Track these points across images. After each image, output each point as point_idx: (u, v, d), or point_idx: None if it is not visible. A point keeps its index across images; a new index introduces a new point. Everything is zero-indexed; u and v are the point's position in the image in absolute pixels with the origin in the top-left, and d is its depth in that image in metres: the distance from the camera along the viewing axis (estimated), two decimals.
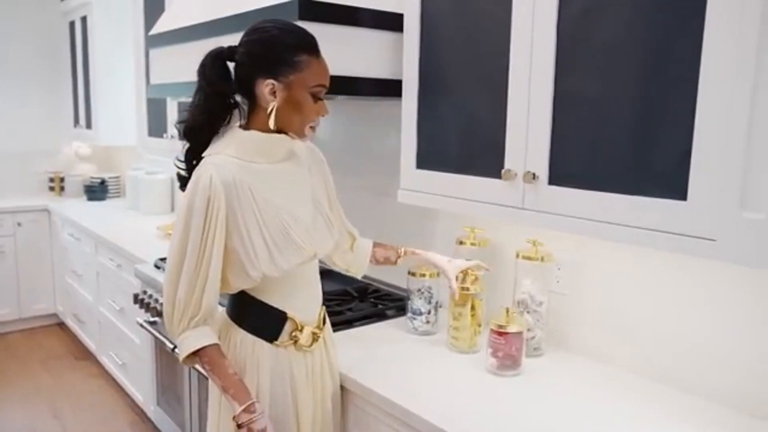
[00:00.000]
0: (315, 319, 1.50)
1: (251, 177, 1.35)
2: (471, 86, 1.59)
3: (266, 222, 1.36)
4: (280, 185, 1.40)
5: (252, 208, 1.34)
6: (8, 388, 3.54)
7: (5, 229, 4.24)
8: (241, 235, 1.34)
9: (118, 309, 3.21)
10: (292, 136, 1.41)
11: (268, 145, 1.39)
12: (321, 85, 1.36)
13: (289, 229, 1.38)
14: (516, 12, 1.44)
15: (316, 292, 1.54)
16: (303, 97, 1.34)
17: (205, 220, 1.31)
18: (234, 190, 1.32)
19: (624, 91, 1.26)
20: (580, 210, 1.36)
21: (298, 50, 1.33)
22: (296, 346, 1.45)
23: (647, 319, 1.59)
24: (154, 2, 3.19)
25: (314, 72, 1.34)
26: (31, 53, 4.70)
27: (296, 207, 1.42)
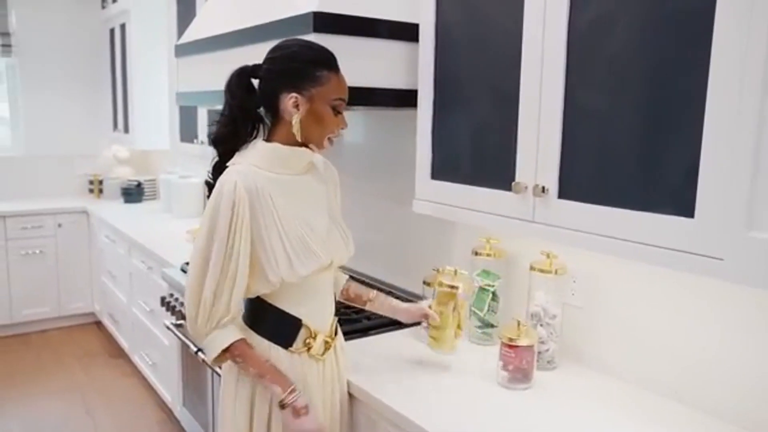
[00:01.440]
0: (328, 328, 1.55)
1: (272, 186, 1.42)
2: (484, 98, 1.59)
3: (286, 229, 1.41)
4: (299, 196, 1.47)
5: (273, 216, 1.40)
6: (45, 383, 3.67)
7: (46, 230, 4.39)
8: (263, 241, 1.39)
9: (148, 310, 3.30)
10: (312, 149, 1.48)
11: (290, 157, 1.45)
12: (341, 98, 1.43)
13: (306, 238, 1.44)
14: (527, 25, 1.43)
15: (329, 301, 1.58)
16: (324, 110, 1.41)
17: (231, 222, 1.35)
18: (256, 197, 1.38)
19: (632, 106, 1.24)
20: (589, 224, 1.35)
21: (319, 65, 1.40)
22: (309, 353, 1.50)
23: (662, 335, 1.56)
24: (187, 11, 3.27)
25: (334, 86, 1.41)
26: (73, 60, 4.86)
27: (313, 217, 1.49)
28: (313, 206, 1.50)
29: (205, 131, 3.17)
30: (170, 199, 4.16)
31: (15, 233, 4.28)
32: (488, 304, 1.86)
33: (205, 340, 1.41)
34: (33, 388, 3.61)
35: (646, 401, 1.54)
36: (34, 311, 4.41)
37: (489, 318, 1.88)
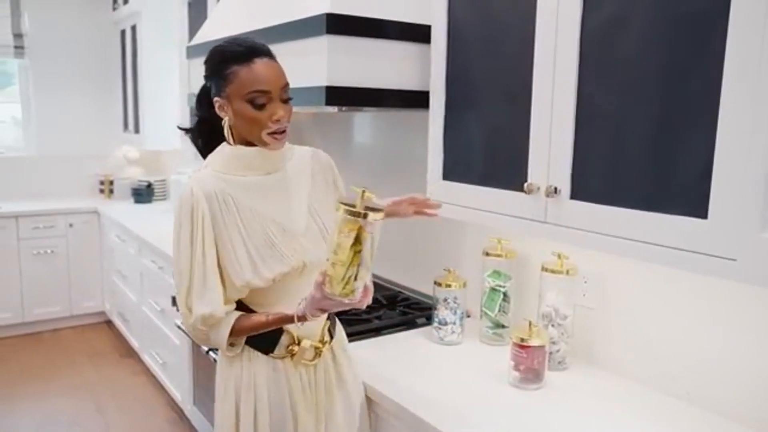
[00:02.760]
0: (317, 333, 1.48)
1: (235, 189, 1.37)
2: (495, 99, 1.59)
3: (250, 233, 1.37)
4: (268, 196, 1.42)
5: (235, 219, 1.36)
6: (57, 381, 3.70)
7: (58, 230, 4.43)
8: (225, 245, 1.35)
9: (159, 309, 3.32)
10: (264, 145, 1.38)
11: (248, 159, 1.39)
12: (255, 91, 1.31)
13: (274, 239, 1.38)
14: (539, 25, 1.43)
15: None
16: (242, 107, 1.33)
17: (191, 230, 1.33)
18: (215, 201, 1.35)
19: (645, 106, 1.24)
20: (601, 225, 1.35)
21: (228, 63, 1.33)
22: (293, 359, 1.44)
23: (673, 336, 1.56)
24: (198, 13, 3.29)
25: (243, 80, 1.31)
26: (84, 61, 4.90)
27: (285, 218, 1.42)
28: (286, 205, 1.43)
29: None
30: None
31: (27, 233, 4.31)
32: (499, 305, 1.87)
33: (209, 343, 1.40)
34: (45, 386, 3.63)
35: (657, 402, 1.54)
36: (45, 310, 4.44)
37: (500, 318, 1.88)
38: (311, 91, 1.74)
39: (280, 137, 1.37)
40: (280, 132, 1.36)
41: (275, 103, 1.33)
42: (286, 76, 1.37)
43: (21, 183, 4.75)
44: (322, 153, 1.58)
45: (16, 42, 4.62)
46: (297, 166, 1.49)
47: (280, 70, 1.36)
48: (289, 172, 1.47)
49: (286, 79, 1.37)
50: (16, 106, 4.85)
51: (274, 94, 1.33)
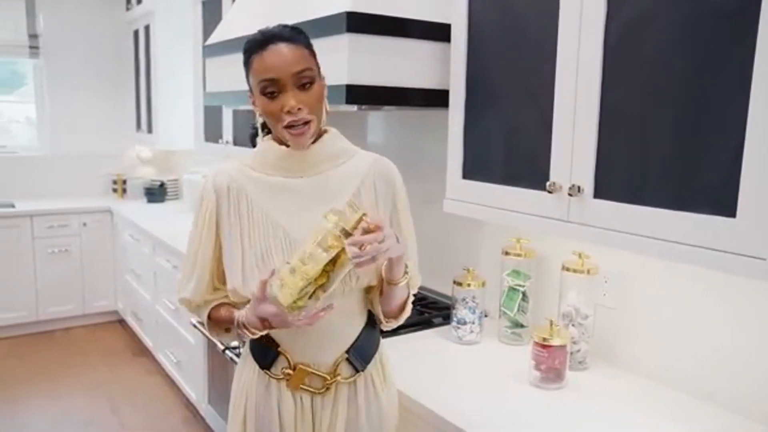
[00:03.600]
0: (326, 365, 1.33)
1: (253, 187, 1.31)
2: (517, 98, 1.58)
3: (252, 237, 1.29)
4: (288, 201, 1.30)
5: (240, 219, 1.30)
6: (71, 380, 3.71)
7: (72, 229, 4.45)
8: (225, 244, 1.32)
9: (173, 309, 3.33)
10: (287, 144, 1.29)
11: (274, 158, 1.31)
12: (264, 80, 1.21)
13: (272, 252, 1.27)
14: (563, 24, 1.43)
15: (330, 337, 1.33)
16: (260, 99, 1.25)
17: (198, 218, 1.34)
18: (225, 197, 1.31)
19: (672, 104, 1.24)
20: (625, 224, 1.34)
21: (248, 53, 1.25)
22: (289, 383, 1.32)
23: (696, 336, 1.55)
24: (213, 12, 3.30)
25: (255, 70, 1.23)
26: (98, 61, 4.92)
27: (300, 228, 1.27)
28: (306, 216, 1.27)
29: (231, 131, 3.19)
30: (194, 199, 4.19)
31: (41, 232, 4.34)
32: (518, 304, 1.86)
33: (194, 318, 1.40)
34: (59, 384, 3.65)
35: (681, 402, 1.53)
36: (59, 309, 4.46)
37: (519, 318, 1.88)
38: (331, 90, 1.73)
39: (298, 132, 1.23)
40: (297, 125, 1.23)
41: (287, 92, 1.21)
42: (306, 61, 1.23)
43: (35, 182, 4.78)
44: (386, 164, 1.39)
45: (31, 42, 4.66)
46: (344, 173, 1.33)
47: (297, 54, 1.22)
48: (331, 179, 1.32)
49: (308, 62, 1.23)
50: (28, 106, 4.88)
51: (284, 81, 1.20)
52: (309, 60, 1.25)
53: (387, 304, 1.36)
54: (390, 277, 1.28)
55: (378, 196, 1.35)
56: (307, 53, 1.26)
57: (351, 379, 1.36)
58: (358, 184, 1.34)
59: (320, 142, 1.32)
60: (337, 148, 1.35)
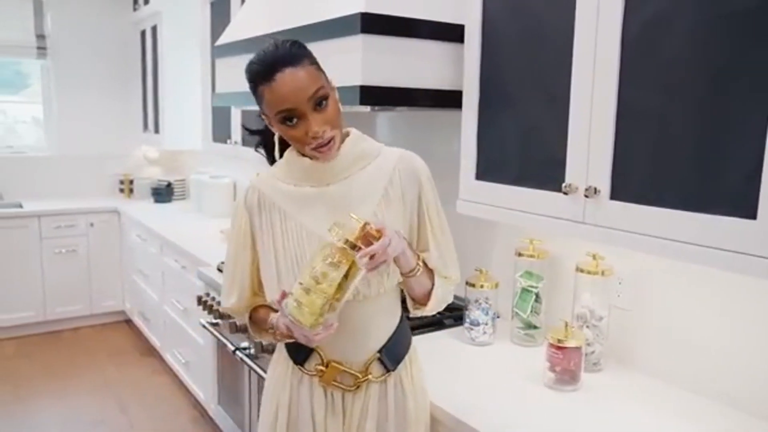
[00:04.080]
0: (358, 364, 1.36)
1: (285, 199, 1.34)
2: (532, 98, 1.58)
3: (286, 247, 1.32)
4: (320, 210, 1.31)
5: (273, 231, 1.34)
6: (79, 380, 3.72)
7: (79, 229, 4.46)
8: (261, 255, 1.38)
9: (182, 309, 3.33)
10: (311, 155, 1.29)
11: (301, 170, 1.32)
12: (281, 111, 1.22)
13: (305, 262, 1.28)
14: (579, 24, 1.42)
15: (363, 335, 1.36)
16: (279, 127, 1.27)
17: (234, 232, 1.41)
18: (257, 212, 1.36)
19: (691, 105, 1.23)
20: (642, 226, 1.34)
21: (255, 84, 1.25)
22: (322, 379, 1.36)
23: (711, 338, 1.55)
24: (221, 13, 3.30)
25: (269, 102, 1.23)
26: (104, 61, 4.93)
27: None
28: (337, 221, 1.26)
29: (239, 131, 3.20)
30: (201, 199, 4.20)
31: (49, 232, 4.35)
32: (531, 306, 1.86)
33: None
34: (68, 384, 3.66)
35: (696, 404, 1.53)
36: (66, 309, 4.48)
37: (532, 319, 1.87)
38: (345, 91, 1.73)
39: (325, 149, 1.26)
40: (323, 145, 1.25)
41: (307, 118, 1.22)
42: (317, 80, 1.23)
43: (42, 182, 4.79)
44: (411, 159, 1.38)
45: (39, 43, 4.67)
46: (371, 175, 1.34)
47: (306, 77, 1.21)
48: (356, 183, 1.32)
49: (318, 82, 1.23)
50: (33, 107, 4.88)
51: (302, 108, 1.21)
52: (318, 78, 1.24)
53: (411, 292, 1.39)
54: (402, 271, 1.31)
55: (404, 193, 1.35)
56: (314, 70, 1.24)
57: (381, 378, 1.38)
58: (385, 184, 1.34)
59: (343, 147, 1.32)
60: (361, 150, 1.35)
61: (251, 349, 2.30)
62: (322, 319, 1.18)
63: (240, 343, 2.38)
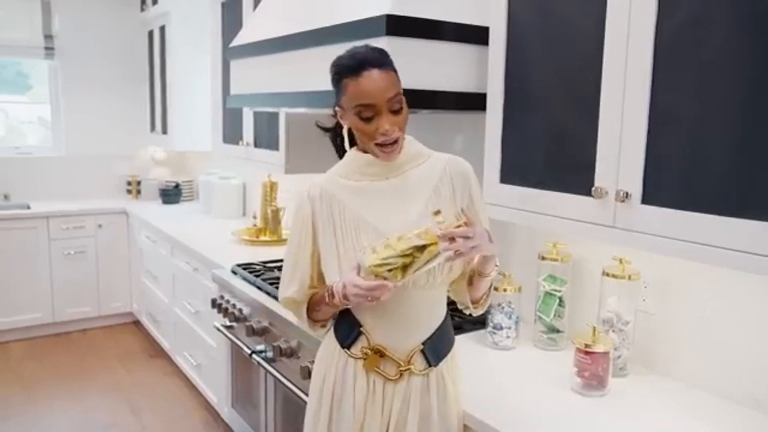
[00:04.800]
0: (403, 350, 1.42)
1: (344, 193, 1.44)
2: (559, 101, 1.56)
3: (344, 236, 1.42)
4: (376, 201, 1.43)
5: (333, 222, 1.43)
6: (90, 382, 3.71)
7: (87, 230, 4.45)
8: (321, 244, 1.46)
9: (193, 311, 3.31)
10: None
11: (361, 165, 1.44)
12: (360, 105, 1.33)
13: (360, 248, 1.37)
14: (610, 27, 1.41)
15: (411, 324, 1.42)
16: (353, 119, 1.37)
17: (295, 226, 1.49)
18: (319, 204, 1.45)
19: (728, 109, 1.21)
20: (675, 231, 1.32)
21: (342, 75, 1.36)
22: (365, 364, 1.42)
23: (740, 343, 1.53)
24: (232, 13, 3.28)
25: (352, 93, 1.34)
26: (112, 60, 4.92)
27: (389, 224, 1.39)
28: (393, 213, 1.41)
29: (251, 133, 3.18)
30: (210, 200, 4.18)
31: (57, 233, 4.33)
32: (555, 310, 1.84)
33: (300, 322, 1.57)
34: (79, 386, 3.65)
35: (725, 409, 1.51)
36: (75, 310, 4.46)
37: (555, 323, 1.86)
38: None
39: (389, 149, 1.37)
40: (388, 144, 1.36)
41: (382, 116, 1.33)
42: (396, 86, 1.35)
43: (49, 183, 4.78)
44: (459, 161, 1.49)
45: (46, 43, 4.65)
46: (423, 173, 1.45)
47: (389, 80, 1.34)
48: (411, 179, 1.44)
49: (397, 87, 1.35)
50: (36, 107, 4.86)
51: (380, 106, 1.32)
52: (398, 85, 1.36)
53: (474, 293, 1.50)
54: (481, 269, 1.43)
55: (455, 192, 1.46)
56: (395, 77, 1.37)
57: (423, 371, 1.43)
58: (436, 182, 1.45)
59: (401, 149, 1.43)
60: (416, 150, 1.46)
61: (268, 353, 2.29)
62: (380, 270, 1.25)
63: (256, 346, 2.37)
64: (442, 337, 1.47)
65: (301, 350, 2.09)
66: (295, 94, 2.12)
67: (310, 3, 2.13)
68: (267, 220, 3.39)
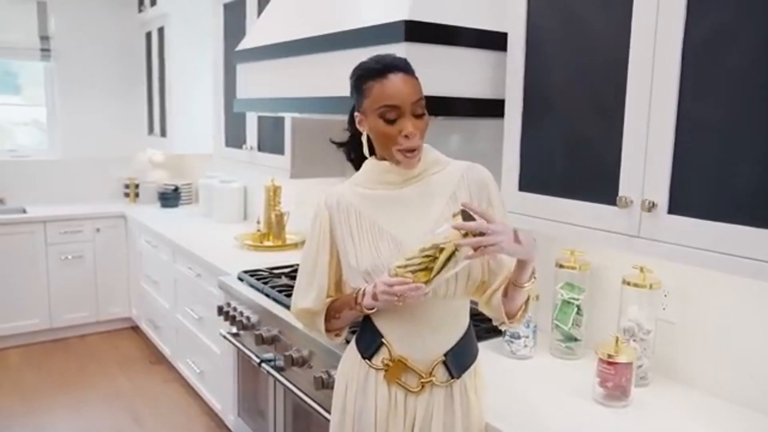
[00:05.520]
0: (425, 360, 1.40)
1: (362, 201, 1.44)
2: (581, 109, 1.54)
3: (361, 243, 1.42)
4: (394, 209, 1.42)
5: (350, 229, 1.43)
6: (90, 390, 3.66)
7: (85, 235, 4.39)
8: (340, 251, 1.46)
9: (197, 318, 3.27)
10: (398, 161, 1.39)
11: (380, 173, 1.43)
12: (385, 105, 1.33)
13: (379, 255, 1.38)
14: (636, 34, 1.39)
15: (433, 335, 1.41)
16: (375, 123, 1.36)
17: (313, 234, 1.49)
18: (336, 211, 1.45)
19: (758, 117, 1.20)
20: (702, 241, 1.30)
21: (366, 79, 1.37)
22: (387, 375, 1.41)
23: (762, 352, 1.52)
24: (235, 15, 3.24)
25: (376, 95, 1.35)
26: (109, 62, 4.86)
27: (406, 232, 1.39)
28: (410, 221, 1.40)
29: (255, 137, 3.15)
30: (211, 204, 4.14)
31: (55, 238, 4.28)
32: (572, 318, 1.82)
33: (312, 332, 1.56)
34: (79, 394, 3.59)
35: (750, 419, 1.50)
36: (73, 316, 4.41)
37: (573, 332, 1.84)
38: None
39: (411, 155, 1.37)
40: (410, 150, 1.36)
41: (405, 119, 1.34)
42: (420, 92, 1.36)
43: (46, 186, 4.71)
44: (479, 169, 1.47)
45: (42, 45, 4.60)
46: (441, 181, 1.43)
47: (414, 84, 1.35)
48: (429, 187, 1.43)
49: (421, 93, 1.36)
50: (41, 109, 4.80)
51: (404, 108, 1.33)
52: (421, 92, 1.37)
53: (510, 306, 1.43)
54: (516, 279, 1.37)
55: (473, 199, 1.42)
56: (419, 85, 1.37)
57: (446, 383, 1.41)
58: (454, 189, 1.43)
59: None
60: (435, 157, 1.46)
61: (277, 361, 2.26)
62: (403, 270, 1.27)
63: (264, 355, 2.34)
64: (465, 349, 1.45)
65: (314, 359, 2.06)
66: (307, 99, 2.09)
67: (322, 7, 2.10)
68: (271, 225, 3.35)
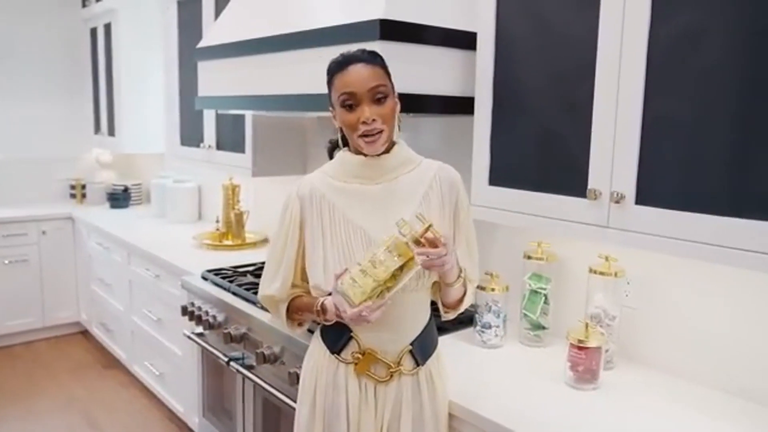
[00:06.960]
0: (392, 351, 1.45)
1: (334, 194, 1.47)
2: (550, 106, 1.61)
3: (332, 237, 1.44)
4: (365, 205, 1.45)
5: (322, 222, 1.46)
6: (41, 398, 3.53)
7: (30, 237, 4.22)
8: (307, 243, 1.48)
9: (155, 319, 3.21)
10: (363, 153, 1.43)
11: (351, 166, 1.46)
12: (343, 93, 1.38)
13: (353, 249, 1.42)
14: (603, 34, 1.46)
15: (400, 326, 1.46)
16: (339, 112, 1.41)
17: (282, 223, 1.51)
18: (308, 202, 1.48)
19: (723, 113, 1.28)
20: (669, 230, 1.38)
21: (333, 73, 1.41)
22: (357, 368, 1.45)
23: (721, 334, 1.62)
24: (191, 13, 3.20)
25: (337, 85, 1.39)
26: (51, 59, 4.68)
27: (378, 228, 1.41)
28: (381, 217, 1.42)
29: (214, 135, 3.11)
30: (164, 205, 4.06)
31: None
32: (540, 307, 1.89)
33: (275, 319, 1.62)
34: (30, 405, 3.46)
35: (713, 398, 1.60)
36: (17, 322, 4.23)
37: (541, 320, 1.91)
38: None
39: (371, 140, 1.38)
40: (370, 134, 1.37)
41: (364, 105, 1.36)
42: (380, 79, 1.38)
43: None
44: (449, 170, 1.52)
45: None
46: (413, 179, 1.47)
47: (372, 72, 1.37)
48: (400, 184, 1.46)
49: (382, 79, 1.38)
50: None
51: (361, 95, 1.36)
52: (383, 78, 1.40)
53: (445, 299, 1.53)
54: (445, 280, 1.45)
55: (443, 198, 1.49)
56: (382, 72, 1.40)
57: (413, 371, 1.47)
58: (426, 188, 1.48)
59: (393, 151, 1.46)
60: (407, 155, 1.49)
61: (246, 359, 2.25)
62: (370, 301, 1.31)
63: (230, 353, 2.32)
64: (428, 337, 1.52)
65: (286, 355, 2.06)
66: (272, 97, 2.09)
67: (290, 5, 2.10)
68: (230, 224, 3.32)
